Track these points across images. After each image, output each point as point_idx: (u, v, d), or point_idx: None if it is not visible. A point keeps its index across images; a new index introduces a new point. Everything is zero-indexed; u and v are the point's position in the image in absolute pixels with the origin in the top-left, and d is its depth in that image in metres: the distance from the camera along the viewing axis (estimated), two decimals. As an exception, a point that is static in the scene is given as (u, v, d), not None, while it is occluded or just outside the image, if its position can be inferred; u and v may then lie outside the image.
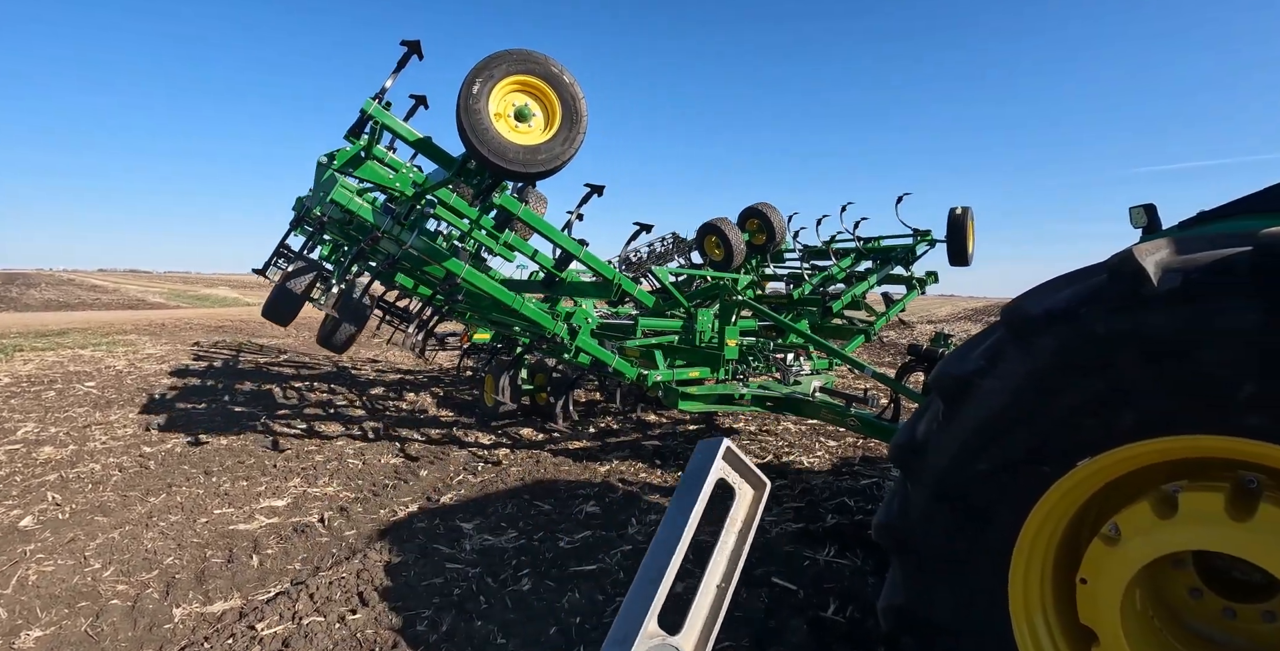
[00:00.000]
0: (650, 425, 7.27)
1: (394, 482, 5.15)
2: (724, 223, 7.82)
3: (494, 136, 3.82)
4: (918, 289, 7.71)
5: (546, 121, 4.08)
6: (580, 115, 4.05)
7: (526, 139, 4.00)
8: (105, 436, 6.53)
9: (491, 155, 3.81)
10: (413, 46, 4.13)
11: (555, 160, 4.01)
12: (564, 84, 4.00)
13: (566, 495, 4.93)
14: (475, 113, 3.75)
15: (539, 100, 4.06)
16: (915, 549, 2.13)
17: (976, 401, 1.90)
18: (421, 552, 3.87)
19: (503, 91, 3.92)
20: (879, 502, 4.80)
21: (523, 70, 3.90)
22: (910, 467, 2.11)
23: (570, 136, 4.02)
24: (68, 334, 15.37)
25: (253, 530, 4.27)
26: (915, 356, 4.63)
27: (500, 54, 3.85)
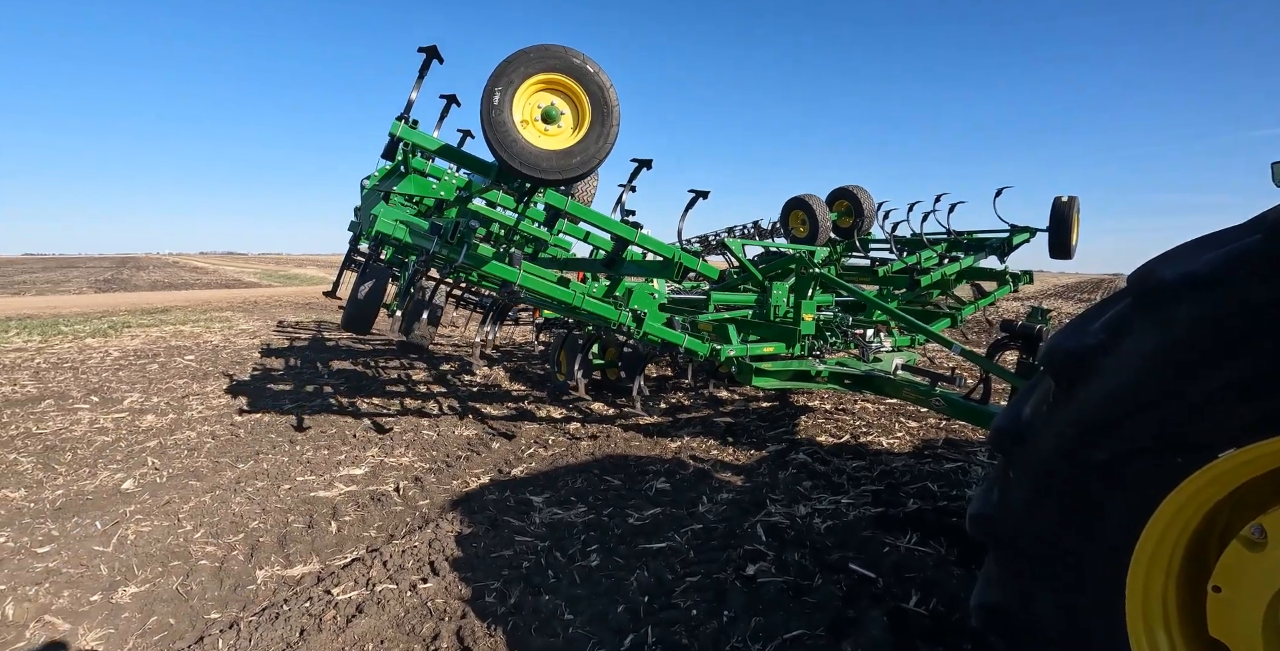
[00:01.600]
0: (722, 402, 7.13)
1: (467, 454, 5.21)
2: (812, 198, 7.56)
3: (523, 147, 3.61)
4: (1010, 285, 7.26)
5: (576, 119, 3.81)
6: (610, 106, 3.74)
7: (558, 142, 3.78)
8: (201, 406, 6.88)
9: (524, 167, 3.61)
10: (430, 52, 3.94)
11: (591, 160, 3.76)
12: (588, 75, 3.69)
13: (636, 471, 4.87)
14: (500, 125, 3.54)
15: (565, 97, 3.78)
16: (1015, 544, 1.93)
17: (1096, 381, 1.68)
18: (491, 524, 3.88)
19: (526, 95, 3.67)
20: (964, 488, 4.54)
21: (543, 68, 3.62)
22: (1013, 454, 1.90)
23: (603, 132, 3.76)
24: (170, 311, 16.39)
25: (332, 497, 4.39)
26: (1009, 333, 4.30)
27: (516, 55, 3.57)
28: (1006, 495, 1.93)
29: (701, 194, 4.93)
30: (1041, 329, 4.12)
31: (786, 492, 4.40)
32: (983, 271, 7.47)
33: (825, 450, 5.35)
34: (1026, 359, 4.23)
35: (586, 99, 3.72)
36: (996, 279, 7.33)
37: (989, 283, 7.61)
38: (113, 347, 10.76)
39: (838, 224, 7.98)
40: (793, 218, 7.68)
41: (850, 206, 7.91)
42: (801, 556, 3.50)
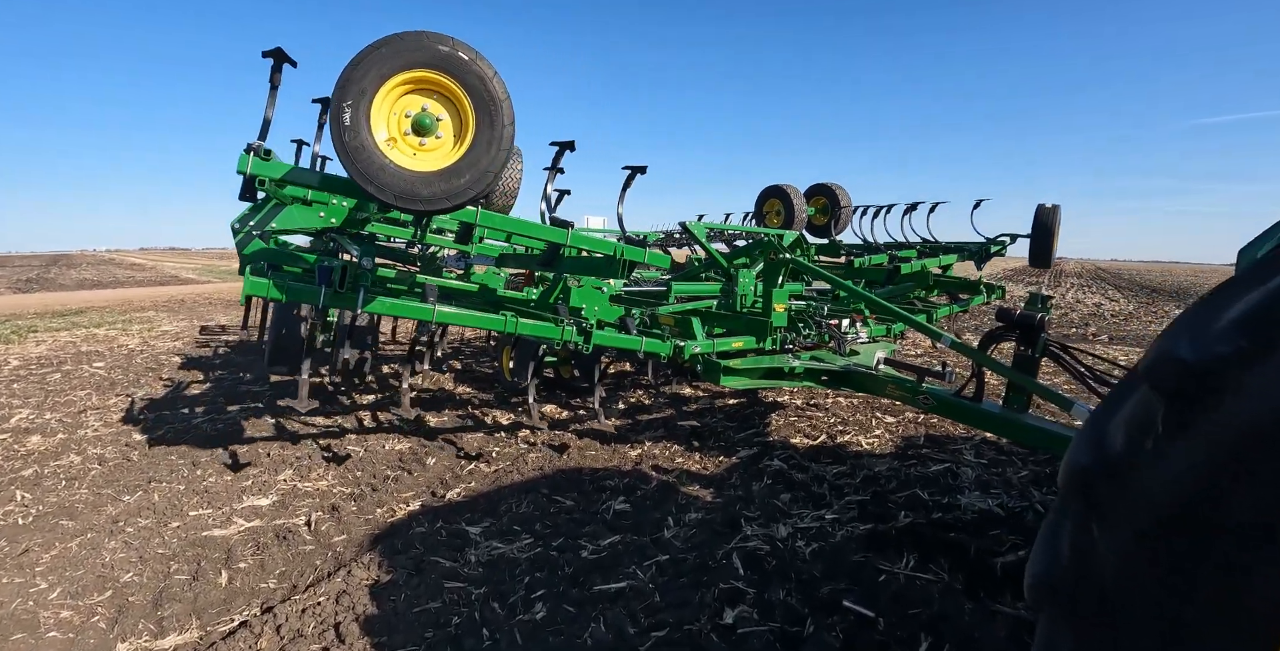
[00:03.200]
0: (686, 400, 6.58)
1: (396, 474, 4.53)
2: (789, 188, 7.21)
3: (394, 173, 2.86)
4: (984, 295, 6.93)
5: (458, 126, 3.04)
6: (498, 101, 2.94)
7: (438, 159, 3.01)
8: (99, 422, 6.05)
9: (400, 199, 2.89)
10: (277, 56, 3.16)
11: (484, 176, 2.99)
12: (463, 66, 2.89)
13: (592, 487, 4.27)
14: (359, 150, 2.79)
15: (440, 97, 3.01)
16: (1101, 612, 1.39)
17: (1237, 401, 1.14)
18: (416, 567, 3.24)
19: (387, 103, 2.91)
20: (956, 494, 4.07)
21: (402, 65, 2.85)
22: (1099, 499, 1.36)
23: (493, 136, 2.96)
24: (86, 313, 15.14)
25: (228, 537, 3.69)
26: (1006, 322, 3.81)
27: (364, 54, 2.78)
28: (1088, 550, 1.39)
29: (638, 169, 4.31)
30: (1043, 317, 3.64)
31: (763, 508, 3.86)
32: (958, 282, 7.17)
33: (801, 453, 4.84)
34: (1025, 351, 3.75)
35: (466, 97, 2.94)
36: (971, 289, 7.02)
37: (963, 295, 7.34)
38: (13, 355, 9.70)
39: (812, 221, 7.68)
40: (768, 207, 7.31)
41: (827, 203, 7.61)
42: (788, 593, 2.96)
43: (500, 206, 4.65)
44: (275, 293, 3.41)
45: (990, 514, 3.81)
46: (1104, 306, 19.80)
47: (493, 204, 4.60)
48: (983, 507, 3.88)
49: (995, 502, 3.95)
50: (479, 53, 2.90)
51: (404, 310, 3.72)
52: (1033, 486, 4.26)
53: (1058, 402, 3.44)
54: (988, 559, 3.31)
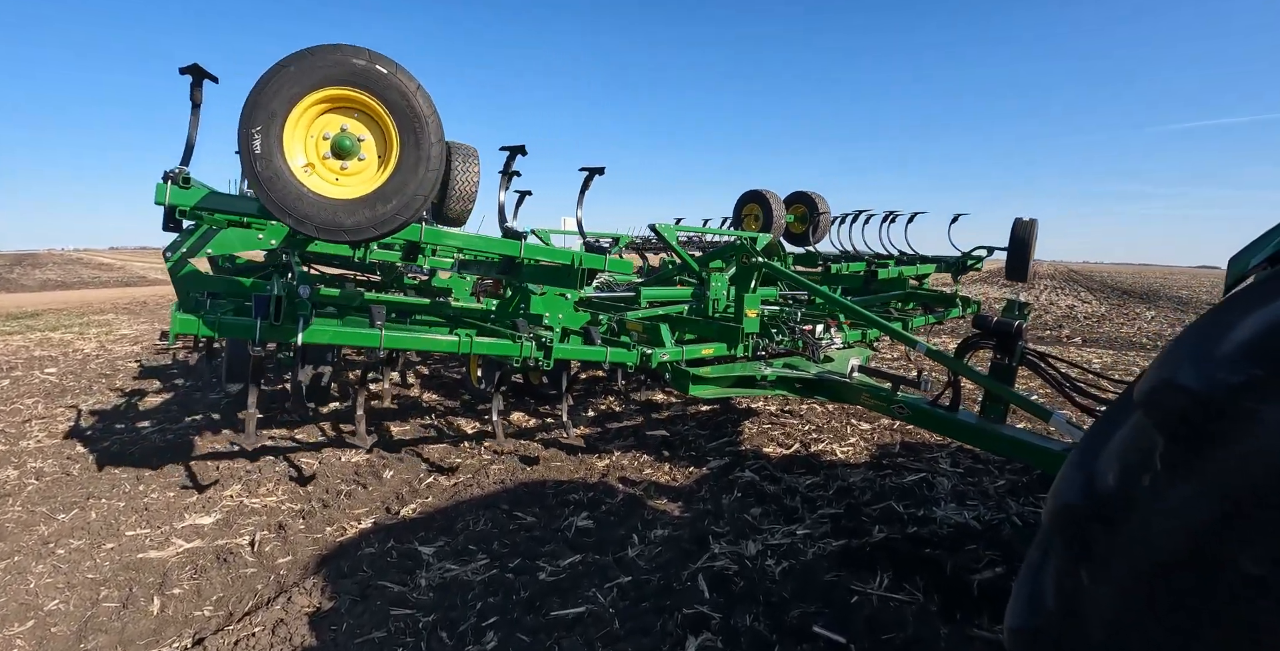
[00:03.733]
0: (658, 406, 6.42)
1: (350, 488, 4.31)
2: (769, 193, 7.12)
3: (313, 202, 2.63)
4: (959, 308, 6.90)
5: (382, 146, 2.80)
6: (422, 118, 2.70)
7: (362, 183, 2.77)
8: (43, 433, 5.75)
9: (322, 231, 2.67)
10: (195, 72, 2.89)
11: (414, 200, 2.75)
12: (382, 80, 2.65)
13: (555, 501, 4.10)
14: (273, 179, 2.58)
15: (361, 116, 2.77)
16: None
17: (1250, 437, 1.00)
18: (362, 593, 3.04)
19: (303, 125, 2.67)
20: (932, 506, 3.95)
21: (315, 83, 2.60)
22: (1089, 539, 1.22)
23: (420, 156, 2.73)
24: (42, 315, 14.65)
25: (165, 559, 3.46)
26: (983, 329, 3.70)
27: (272, 74, 2.54)
28: (1075, 601, 1.25)
29: (596, 171, 4.13)
30: (1020, 325, 3.53)
31: (733, 523, 3.71)
32: (934, 294, 7.15)
33: (773, 464, 4.69)
34: (1002, 360, 3.64)
35: (388, 115, 2.70)
36: (947, 302, 6.98)
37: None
38: (-40, 361, 9.31)
39: (790, 228, 7.59)
40: (746, 211, 7.22)
41: (807, 212, 7.52)
42: (755, 618, 2.80)
43: (458, 212, 4.44)
44: (206, 330, 3.19)
45: (966, 527, 3.69)
46: (1077, 308, 19.98)
47: (450, 210, 4.39)
48: (959, 520, 3.76)
49: (971, 515, 3.84)
50: (400, 66, 2.68)
51: (349, 338, 3.50)
52: (1009, 497, 4.16)
53: (1036, 412, 3.33)
54: (964, 576, 3.18)
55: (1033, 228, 6.68)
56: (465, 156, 4.32)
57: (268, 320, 3.20)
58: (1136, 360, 10.33)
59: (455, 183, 4.28)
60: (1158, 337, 13.59)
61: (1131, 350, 11.67)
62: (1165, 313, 19.36)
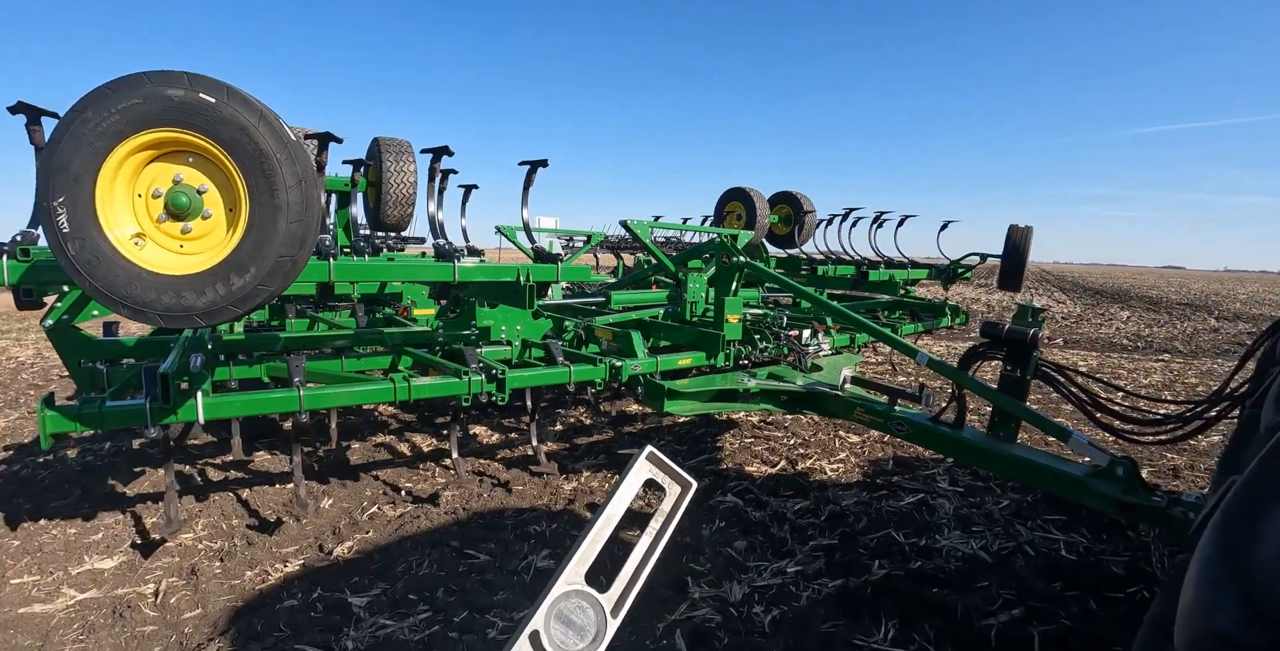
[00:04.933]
0: (631, 419, 5.96)
1: (282, 518, 3.80)
2: (753, 191, 6.75)
3: (151, 283, 2.09)
4: (947, 317, 6.57)
5: (228, 194, 2.18)
6: (269, 156, 2.07)
7: (212, 249, 2.18)
8: (-52, 454, 5.15)
9: (170, 319, 2.13)
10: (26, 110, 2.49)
11: (282, 265, 2.15)
12: (210, 113, 2.03)
13: (514, 534, 3.62)
14: (93, 262, 2.04)
15: (194, 158, 2.16)
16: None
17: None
18: (274, 661, 2.55)
19: (120, 186, 2.09)
20: (934, 534, 3.55)
21: (121, 131, 2.00)
22: None
23: (276, 205, 2.10)
24: (-22, 321, 13.81)
25: (50, 615, 2.92)
26: (991, 338, 3.31)
27: (63, 128, 1.99)
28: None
29: (538, 163, 3.66)
30: (1035, 333, 3.14)
31: (714, 560, 3.27)
32: (923, 303, 6.80)
33: (758, 485, 4.27)
34: (1014, 372, 3.25)
35: (227, 157, 2.08)
36: (936, 310, 6.62)
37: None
38: (-122, 372, 8.57)
39: (774, 229, 7.21)
40: (729, 208, 6.86)
41: (791, 213, 7.15)
42: (742, 685, 2.37)
43: (397, 216, 3.97)
44: (88, 424, 2.68)
45: (975, 560, 3.30)
46: (1053, 309, 19.90)
47: (387, 216, 3.90)
48: (966, 551, 3.37)
49: (979, 544, 3.44)
50: (234, 90, 2.06)
51: (261, 406, 2.98)
52: (1017, 520, 3.78)
53: (1052, 432, 2.94)
54: (978, 621, 2.78)
55: (1028, 235, 6.38)
56: (397, 153, 3.85)
57: (158, 400, 2.69)
58: (1122, 362, 10.12)
59: (389, 185, 3.80)
60: (1137, 338, 13.47)
61: (1114, 351, 11.49)
62: (1139, 312, 19.40)
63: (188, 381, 2.85)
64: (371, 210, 4.67)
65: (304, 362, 3.21)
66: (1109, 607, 2.93)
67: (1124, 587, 3.09)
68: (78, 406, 2.70)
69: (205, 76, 2.05)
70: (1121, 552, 3.42)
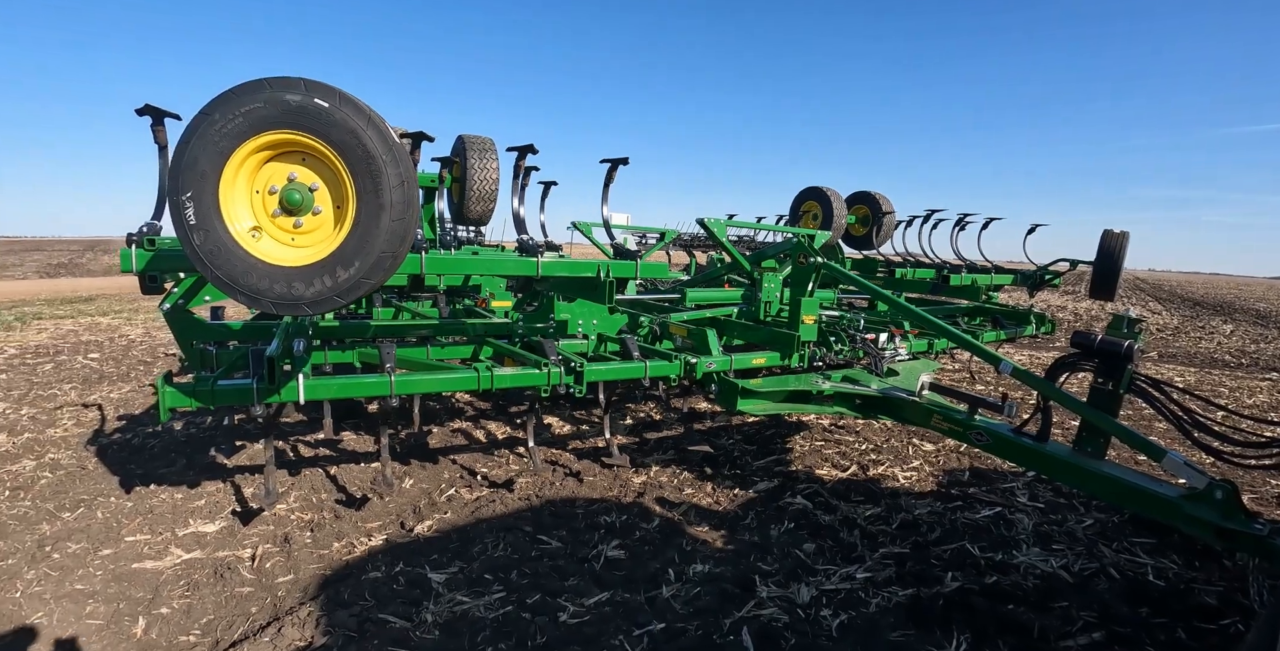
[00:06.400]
0: (701, 416, 5.99)
1: (366, 497, 4.01)
2: (830, 191, 6.61)
3: (266, 273, 2.26)
4: (1031, 326, 6.23)
5: (337, 194, 2.33)
6: (376, 158, 2.22)
7: (320, 243, 2.36)
8: (71, 422, 5.64)
9: (280, 306, 2.30)
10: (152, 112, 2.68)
11: (382, 261, 2.30)
12: (323, 117, 2.19)
13: (585, 523, 3.71)
14: (215, 252, 2.22)
15: (307, 158, 2.32)
16: None
17: None
18: (359, 627, 2.70)
19: (241, 183, 2.27)
20: (1012, 550, 3.44)
21: (244, 132, 2.18)
22: None
23: (381, 205, 2.25)
24: (94, 300, 14.96)
25: (160, 571, 3.19)
26: (1083, 348, 3.18)
27: (193, 128, 2.16)
28: None
29: (619, 162, 3.70)
30: (1131, 345, 3.00)
31: (782, 561, 3.27)
32: (1006, 310, 6.48)
33: (828, 488, 4.23)
34: (1105, 385, 3.11)
35: (338, 158, 2.24)
36: (1018, 318, 6.30)
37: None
38: (11, 343, 9.42)
39: (851, 230, 7.05)
40: (805, 208, 6.76)
41: (870, 213, 6.96)
42: (808, 686, 2.38)
43: (479, 212, 4.09)
44: (201, 400, 2.88)
45: (1055, 579, 3.18)
46: (1148, 319, 18.78)
47: (470, 211, 4.03)
48: (1045, 570, 3.25)
49: (1059, 563, 3.32)
50: (346, 95, 2.21)
51: (356, 389, 3.16)
52: (1101, 541, 3.62)
53: (1146, 451, 2.82)
54: (1055, 642, 2.70)
55: (1124, 240, 6.03)
56: (481, 151, 3.96)
57: (264, 381, 2.89)
58: (1223, 379, 9.48)
59: (473, 181, 3.92)
60: (1241, 354, 12.57)
61: (1215, 368, 10.77)
62: (1244, 327, 18.07)
63: (290, 364, 3.04)
64: (455, 205, 4.83)
65: (394, 350, 3.37)
66: (1199, 639, 2.79)
67: (1217, 618, 2.92)
68: (193, 384, 2.92)
69: (320, 82, 2.20)
70: (1215, 582, 3.24)
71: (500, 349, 3.90)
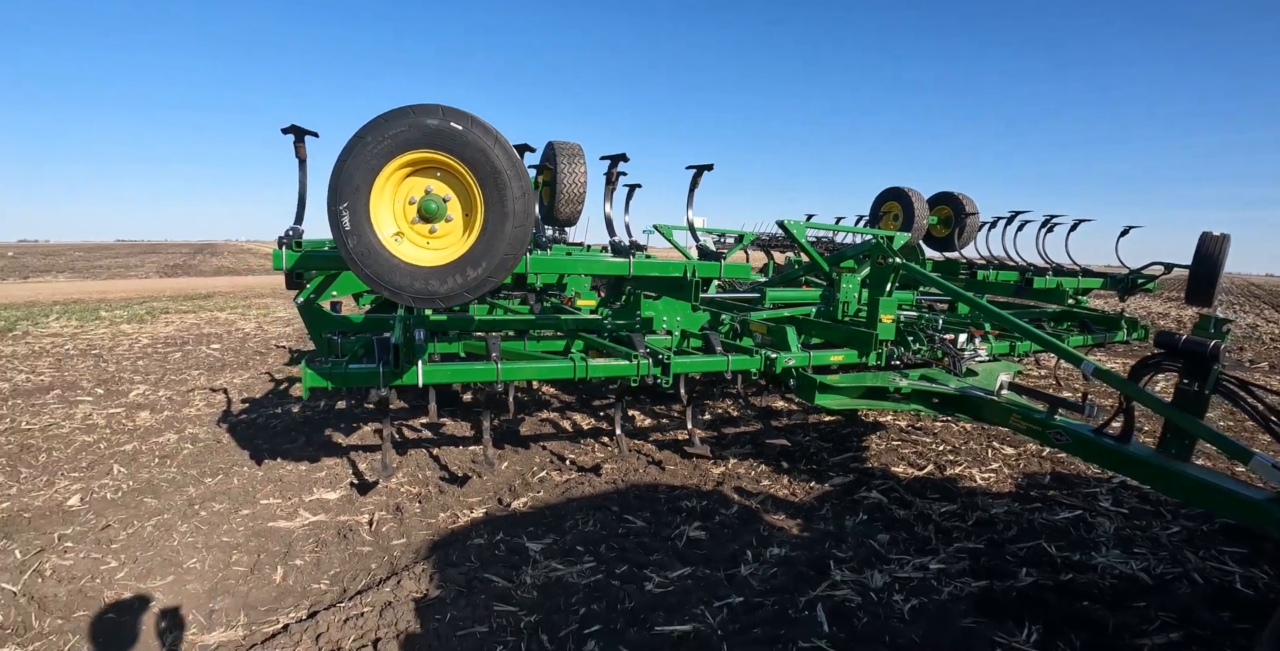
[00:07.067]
0: (777, 413, 6.12)
1: (466, 476, 4.37)
2: (912, 191, 6.58)
3: (407, 272, 2.61)
4: (1122, 331, 5.97)
5: (467, 203, 2.67)
6: (502, 173, 2.54)
7: (450, 246, 2.69)
8: (203, 402, 6.29)
9: (417, 300, 2.65)
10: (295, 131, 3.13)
11: (504, 262, 2.64)
12: (456, 137, 2.52)
13: (667, 506, 3.94)
14: (366, 253, 2.56)
15: (440, 173, 2.66)
16: None
17: None
18: (468, 584, 3.02)
19: (386, 195, 2.62)
20: (1090, 551, 3.46)
21: (391, 151, 2.52)
22: None
23: (505, 213, 2.57)
24: (213, 297, 16.26)
25: (292, 530, 3.61)
26: (1167, 349, 3.18)
27: (349, 149, 2.50)
28: None
29: (704, 168, 3.91)
30: (1218, 345, 2.99)
31: (856, 549, 3.41)
32: (1096, 315, 6.23)
33: (904, 485, 4.31)
34: (1191, 386, 3.10)
35: (468, 172, 2.58)
36: (1108, 323, 6.05)
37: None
38: (144, 334, 10.45)
39: (932, 231, 6.96)
40: (885, 208, 6.74)
41: (952, 215, 6.87)
42: (879, 659, 2.52)
43: (568, 213, 4.38)
44: (336, 381, 3.29)
45: (1134, 579, 3.19)
46: (1261, 328, 17.53)
47: (559, 212, 4.32)
48: (1124, 571, 3.27)
49: (1140, 566, 3.32)
50: (476, 119, 2.54)
51: (467, 375, 3.54)
52: (1187, 547, 3.58)
53: (1231, 452, 2.81)
54: (1130, 639, 2.74)
55: (1223, 244, 5.76)
56: (570, 156, 4.24)
57: (389, 365, 3.29)
58: (1344, 396, 8.85)
59: (562, 185, 4.21)
60: (1370, 370, 11.64)
61: (1337, 383, 10.05)
62: (1376, 341, 16.63)
63: (410, 352, 3.40)
64: (545, 208, 5.15)
65: (500, 341, 3.70)
66: (1288, 643, 2.76)
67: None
68: (328, 367, 3.31)
69: (454, 108, 2.55)
70: (1312, 592, 3.17)
71: (591, 342, 4.17)
